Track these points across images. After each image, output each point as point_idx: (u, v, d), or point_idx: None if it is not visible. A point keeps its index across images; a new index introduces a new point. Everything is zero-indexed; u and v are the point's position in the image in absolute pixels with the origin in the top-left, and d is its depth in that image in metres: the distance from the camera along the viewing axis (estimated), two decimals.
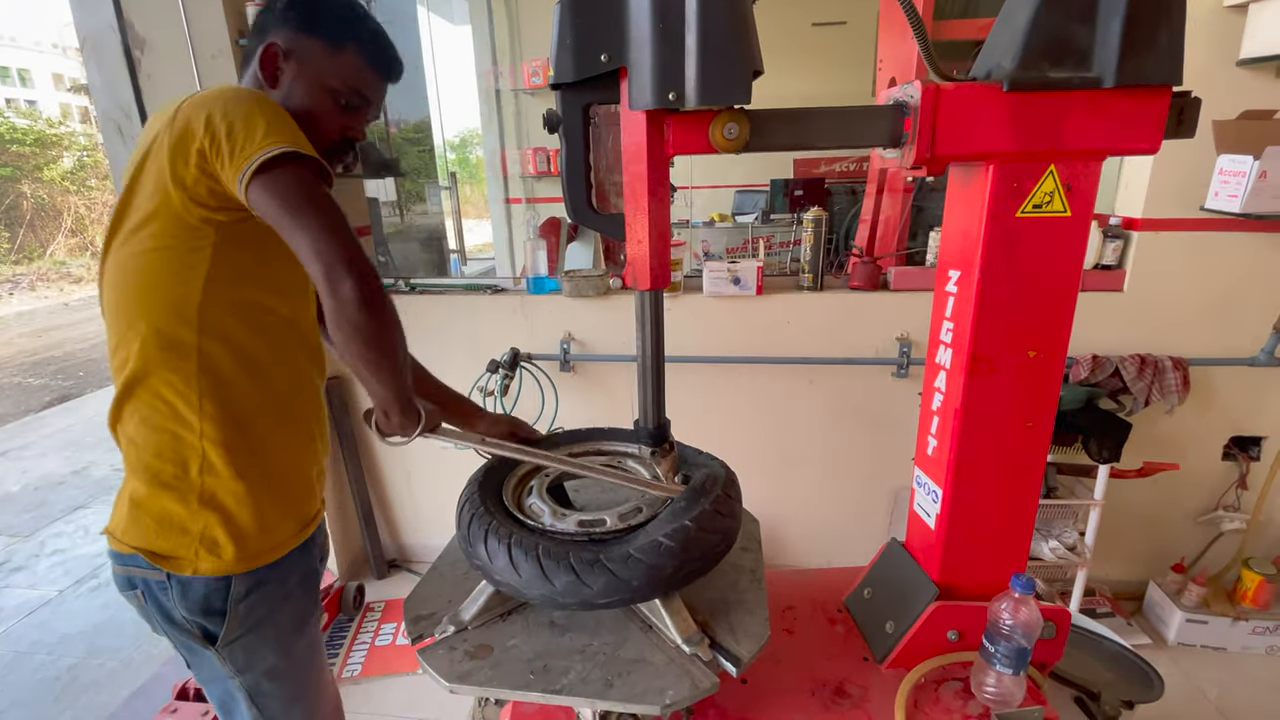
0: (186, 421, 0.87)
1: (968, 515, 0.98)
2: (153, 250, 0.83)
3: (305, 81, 0.92)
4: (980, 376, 0.91)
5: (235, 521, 0.90)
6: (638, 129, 0.77)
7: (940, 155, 0.80)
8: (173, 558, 0.88)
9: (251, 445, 0.91)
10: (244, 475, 0.90)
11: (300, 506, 1.00)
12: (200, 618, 0.89)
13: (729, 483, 0.90)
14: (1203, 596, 1.87)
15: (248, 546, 0.91)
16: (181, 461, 0.88)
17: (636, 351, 0.91)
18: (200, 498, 0.88)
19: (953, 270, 0.92)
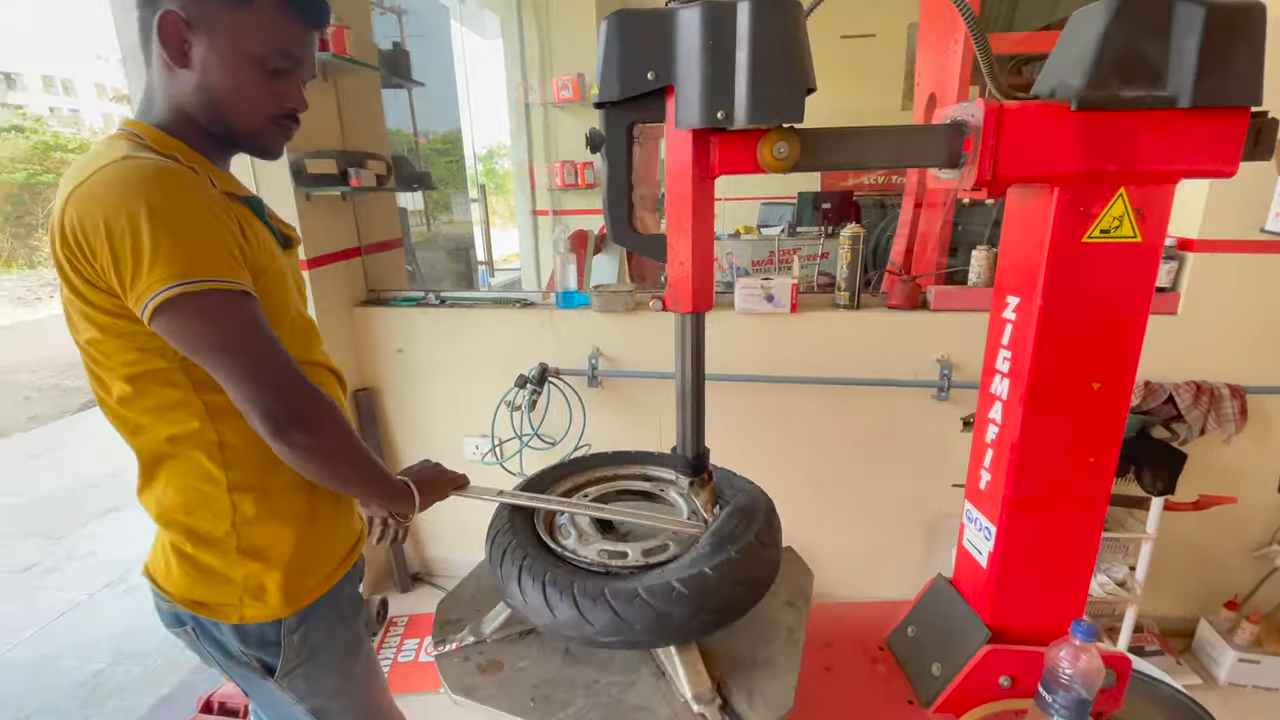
0: (211, 475, 0.82)
1: (1023, 554, 0.93)
2: (117, 366, 0.77)
3: (221, 53, 0.77)
4: (1040, 409, 0.86)
5: (280, 565, 0.86)
6: (683, 148, 0.75)
7: (1002, 177, 0.76)
8: (218, 607, 0.85)
9: (286, 482, 0.86)
10: (283, 515, 0.86)
11: (346, 532, 0.97)
12: (257, 651, 0.87)
13: (766, 525, 0.85)
14: (1256, 635, 1.76)
15: (294, 588, 0.87)
16: (214, 516, 0.83)
17: (676, 376, 0.88)
18: (239, 549, 0.84)
19: (1010, 296, 0.88)
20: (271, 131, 0.85)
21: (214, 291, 0.70)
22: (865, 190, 4.63)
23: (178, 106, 0.80)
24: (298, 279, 0.94)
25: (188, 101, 0.80)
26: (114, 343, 0.76)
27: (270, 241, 0.85)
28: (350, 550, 0.99)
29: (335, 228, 2.02)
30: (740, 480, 0.98)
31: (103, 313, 0.74)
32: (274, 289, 0.82)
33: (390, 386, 2.19)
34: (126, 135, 0.79)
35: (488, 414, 2.06)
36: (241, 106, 0.81)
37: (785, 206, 4.42)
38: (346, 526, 0.98)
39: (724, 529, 0.82)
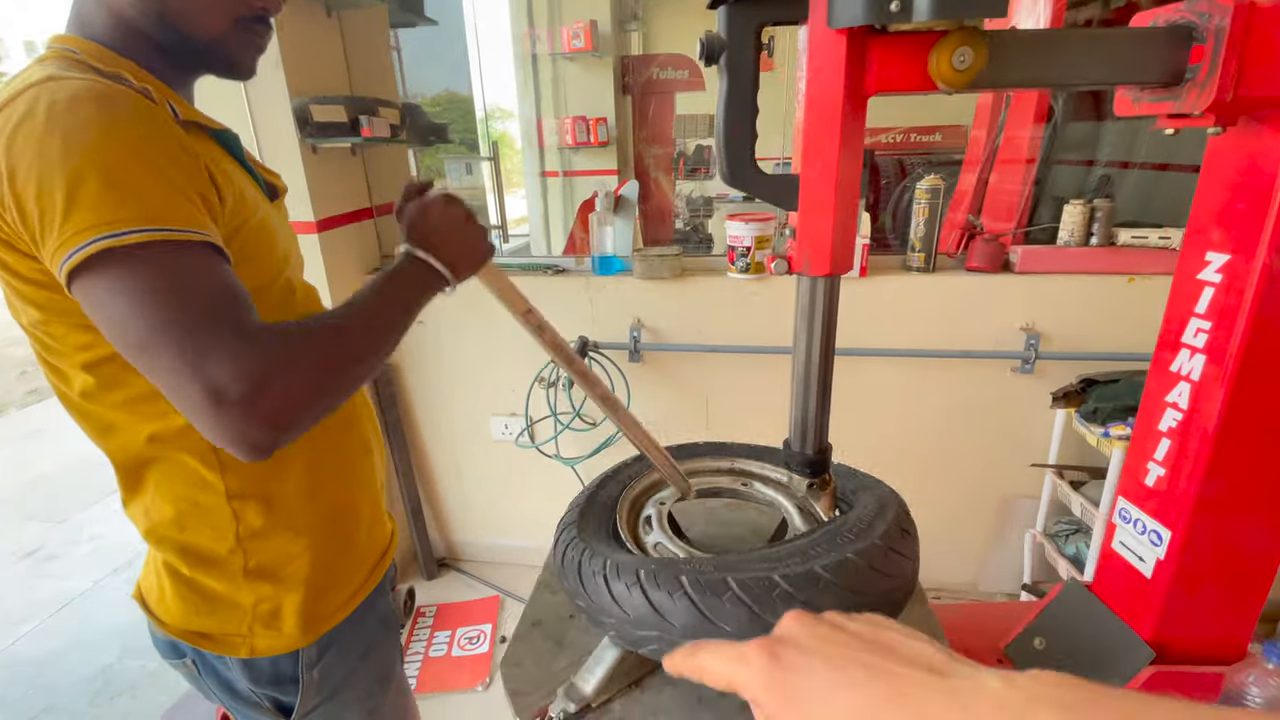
0: (205, 481, 0.67)
1: (1203, 562, 0.79)
2: (71, 352, 0.61)
3: None
4: (1250, 391, 0.71)
5: (298, 585, 0.73)
6: (832, 58, 0.58)
7: (1246, 96, 0.59)
8: (223, 638, 0.71)
9: (300, 486, 0.72)
10: (297, 526, 0.72)
11: (372, 540, 0.83)
12: (270, 689, 0.75)
13: (900, 519, 0.71)
14: None
15: (315, 611, 0.74)
16: (213, 530, 0.69)
17: (796, 357, 0.73)
18: (247, 569, 0.70)
19: (1214, 253, 0.72)
20: (237, 38, 0.66)
21: (159, 243, 0.51)
22: (885, 149, 4.41)
23: (116, 14, 0.62)
24: (292, 240, 0.77)
25: (125, 4, 0.61)
26: (60, 324, 0.59)
27: (250, 188, 0.67)
28: (381, 557, 0.85)
29: (345, 185, 1.84)
30: (863, 476, 0.83)
31: (33, 285, 0.57)
32: (256, 249, 0.65)
33: (410, 362, 2.04)
34: (57, 54, 0.60)
35: (516, 392, 1.92)
36: (195, 5, 0.63)
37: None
38: (376, 528, 0.84)
39: (859, 521, 0.68)
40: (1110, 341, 1.58)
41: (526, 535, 2.17)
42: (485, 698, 1.71)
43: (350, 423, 0.79)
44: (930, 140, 4.49)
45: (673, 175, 4.26)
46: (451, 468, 2.15)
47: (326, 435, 0.75)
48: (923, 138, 4.52)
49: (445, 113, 5.16)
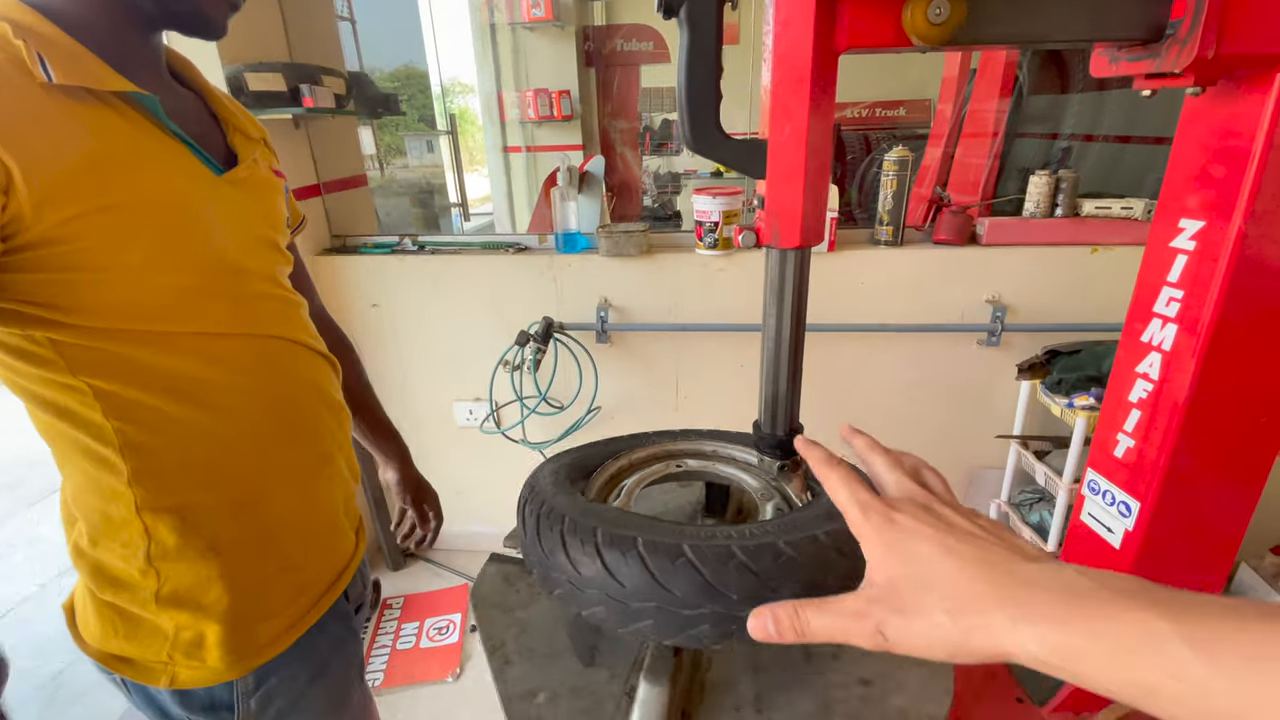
0: (112, 491, 0.60)
1: (1171, 532, 0.79)
2: None
3: None
4: (1220, 361, 0.70)
5: (218, 614, 0.65)
6: (801, 9, 0.54)
7: (1227, 54, 0.57)
8: (144, 666, 0.65)
9: (225, 501, 0.65)
10: (220, 544, 0.64)
11: (325, 559, 0.76)
12: (204, 716, 0.68)
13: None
14: None
15: (243, 642, 0.67)
16: (123, 547, 0.62)
17: (765, 334, 0.69)
18: (161, 595, 0.63)
19: (1188, 220, 0.70)
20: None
21: None
22: (850, 125, 4.40)
23: None
24: (252, 214, 0.69)
25: None
26: None
27: (170, 161, 0.60)
28: (335, 579, 0.77)
29: (288, 160, 1.73)
30: None
31: None
32: (156, 233, 0.58)
33: (366, 347, 1.95)
34: None
35: (481, 375, 1.85)
36: None
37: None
38: (331, 545, 0.76)
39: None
40: (1074, 312, 1.59)
41: (495, 521, 2.12)
42: (456, 688, 1.67)
43: (302, 436, 0.72)
44: (894, 115, 4.49)
45: (639, 150, 4.18)
46: (415, 455, 2.08)
47: (265, 447, 0.68)
48: (887, 112, 4.52)
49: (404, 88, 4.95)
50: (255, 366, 0.67)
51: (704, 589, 0.53)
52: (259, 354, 0.67)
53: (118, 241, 0.55)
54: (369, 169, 3.77)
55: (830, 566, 0.55)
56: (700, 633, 0.54)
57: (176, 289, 0.60)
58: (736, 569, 0.53)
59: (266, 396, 0.68)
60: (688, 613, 0.54)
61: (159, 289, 0.58)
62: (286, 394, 0.70)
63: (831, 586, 0.48)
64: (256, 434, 0.67)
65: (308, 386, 0.73)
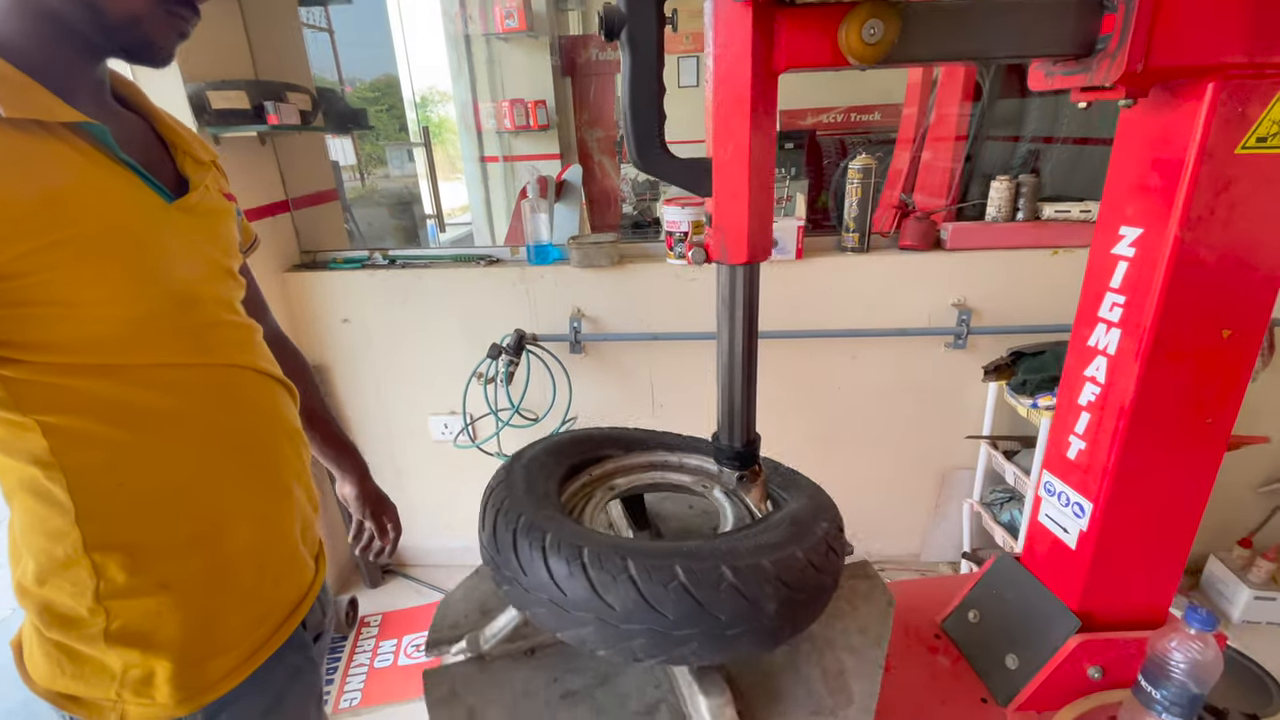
0: (58, 530, 0.59)
1: (1123, 533, 0.81)
2: None
3: None
4: (1163, 365, 0.72)
5: (168, 651, 0.64)
6: (739, 31, 0.55)
7: (1156, 68, 0.59)
8: (91, 703, 0.64)
9: (176, 538, 0.64)
10: (169, 582, 0.64)
11: (279, 593, 0.74)
12: None
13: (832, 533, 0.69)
14: (1272, 573, 1.77)
15: (193, 679, 0.66)
16: (72, 585, 0.61)
17: (719, 348, 0.70)
18: (107, 633, 0.62)
19: (1128, 228, 0.72)
20: (158, 20, 0.59)
21: None
22: (826, 129, 4.46)
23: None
24: (205, 240, 0.68)
25: None
26: None
27: (121, 191, 0.59)
28: (291, 611, 0.76)
29: (254, 177, 1.71)
30: (795, 477, 0.82)
31: None
32: (109, 265, 0.57)
33: (339, 363, 1.93)
34: None
35: (456, 389, 1.84)
36: None
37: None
38: (288, 576, 0.75)
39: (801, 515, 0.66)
40: (1037, 314, 1.62)
41: (472, 536, 2.11)
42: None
43: (260, 466, 0.71)
44: (870, 120, 4.55)
45: (617, 158, 4.19)
46: (391, 471, 2.06)
47: (220, 479, 0.67)
48: (863, 117, 4.57)
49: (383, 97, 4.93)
50: (213, 396, 0.66)
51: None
52: (216, 383, 0.67)
53: (71, 275, 0.54)
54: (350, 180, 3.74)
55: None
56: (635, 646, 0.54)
57: (132, 321, 0.59)
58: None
59: (224, 427, 0.67)
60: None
61: (114, 321, 0.58)
62: (244, 424, 0.69)
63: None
64: (213, 466, 0.66)
65: (266, 415, 0.72)
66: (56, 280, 0.53)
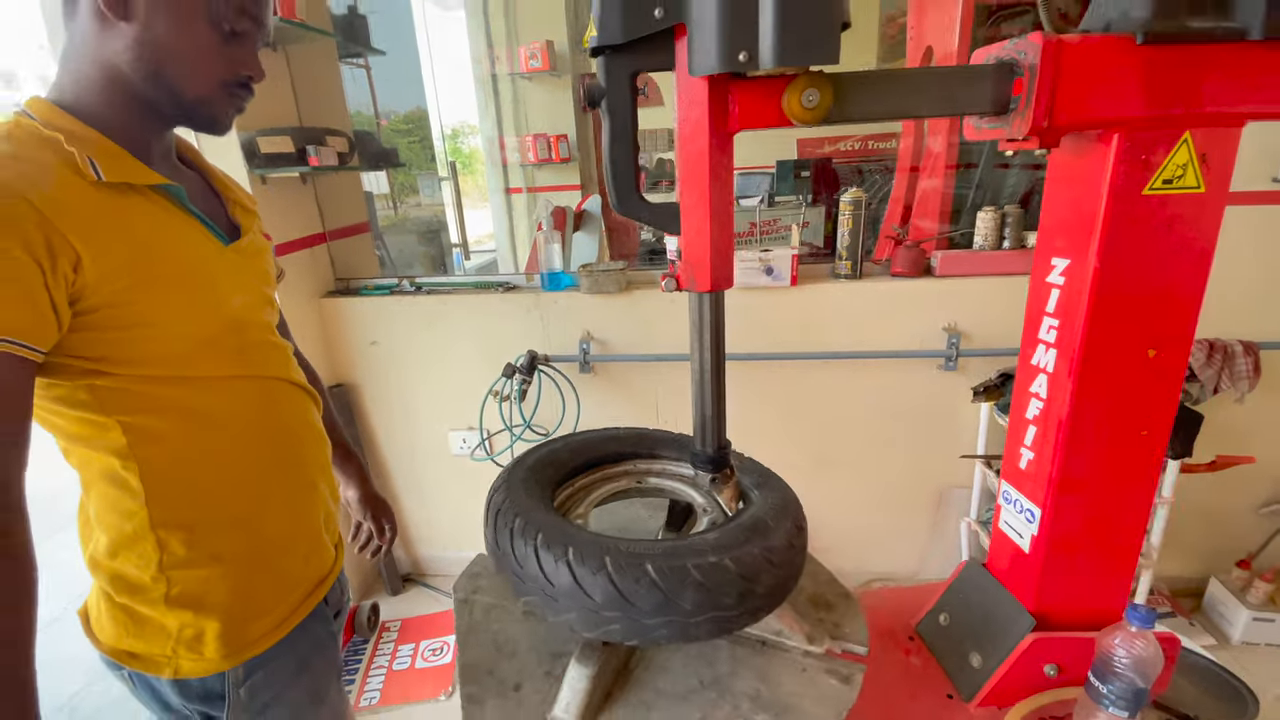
0: (131, 511, 0.71)
1: (1071, 537, 0.87)
2: None
3: (172, 5, 0.66)
4: (1092, 381, 0.79)
5: (218, 614, 0.75)
6: (698, 101, 0.65)
7: (1060, 124, 0.67)
8: (150, 659, 0.75)
9: (225, 518, 0.76)
10: (222, 556, 0.75)
11: (306, 569, 0.85)
12: (200, 705, 0.78)
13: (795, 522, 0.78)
14: (1270, 594, 1.76)
15: (236, 638, 0.77)
16: (139, 558, 0.72)
17: (692, 365, 0.79)
18: (169, 597, 0.73)
19: (1058, 259, 0.80)
20: (222, 100, 0.72)
21: None
22: (843, 157, 4.55)
23: (106, 67, 0.67)
24: (252, 276, 0.81)
25: (122, 60, 0.67)
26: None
27: (189, 238, 0.72)
28: (316, 586, 0.87)
29: (296, 213, 1.87)
30: (759, 466, 0.90)
31: None
32: (181, 296, 0.70)
33: (367, 381, 2.07)
34: (12, 118, 0.66)
35: (474, 406, 1.96)
36: (191, 68, 0.69)
37: (763, 176, 4.32)
38: (310, 563, 0.86)
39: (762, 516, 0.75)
40: None
41: None
42: (448, 706, 1.74)
43: (291, 459, 0.83)
44: (886, 148, 4.63)
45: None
46: (413, 483, 2.17)
47: (262, 469, 0.79)
48: (879, 144, 4.66)
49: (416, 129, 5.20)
50: (256, 402, 0.78)
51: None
52: (259, 392, 0.79)
53: (154, 304, 0.67)
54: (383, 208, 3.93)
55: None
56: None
57: (197, 340, 0.71)
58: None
59: (264, 428, 0.79)
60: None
61: (184, 340, 0.70)
62: (280, 426, 0.81)
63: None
64: (255, 460, 0.78)
65: (297, 420, 0.84)
66: (143, 308, 0.66)
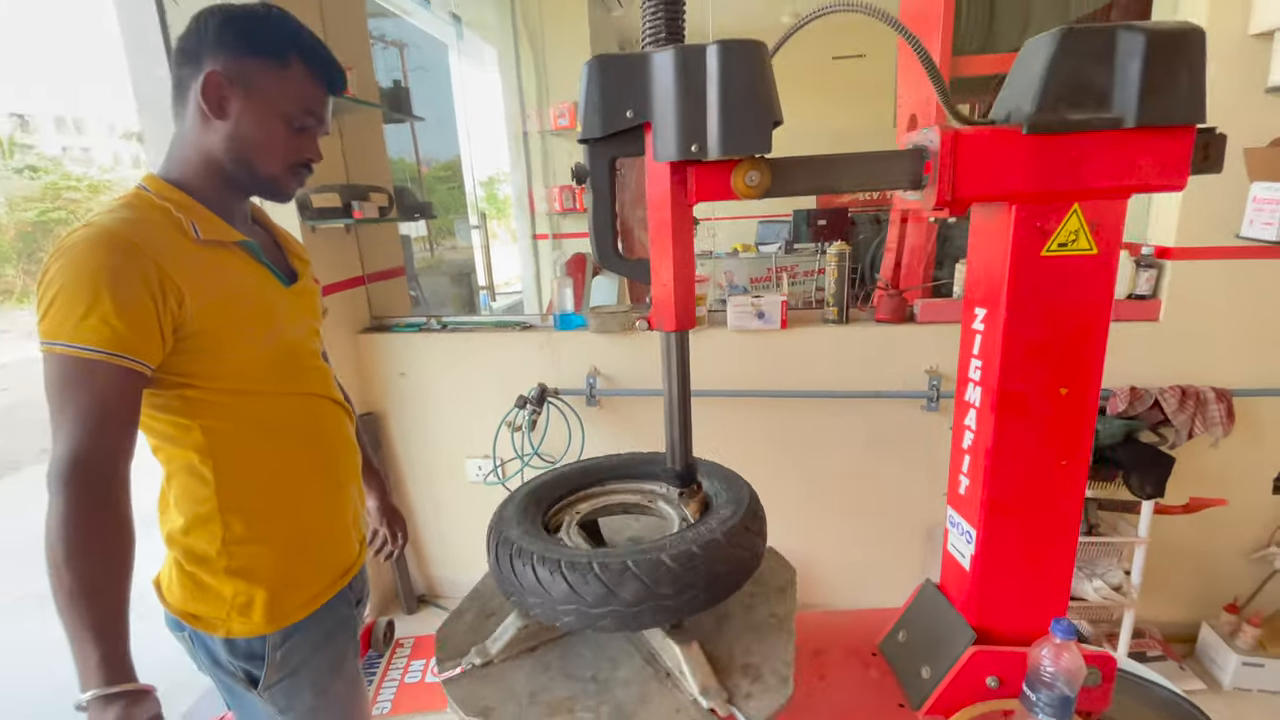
0: (206, 498, 0.87)
1: (1003, 556, 0.96)
2: None
3: (257, 110, 0.86)
4: (1010, 415, 0.89)
5: (266, 585, 0.91)
6: (662, 179, 0.80)
7: (961, 197, 0.80)
8: (208, 619, 0.90)
9: (277, 507, 0.92)
10: (272, 539, 0.91)
11: (336, 557, 1.01)
12: (244, 663, 0.92)
13: (751, 513, 0.90)
14: (1258, 639, 1.77)
15: (279, 607, 0.92)
16: (209, 535, 0.88)
17: (663, 392, 0.92)
18: (229, 569, 0.89)
19: (979, 308, 0.92)
20: (288, 178, 0.92)
21: (60, 356, 0.74)
22: (859, 206, 4.71)
23: (205, 154, 0.87)
24: (304, 312, 0.99)
25: (217, 149, 0.87)
26: None
27: (259, 282, 0.91)
28: (342, 574, 1.02)
29: (339, 258, 2.08)
30: (726, 471, 1.02)
31: None
32: (252, 327, 0.88)
33: (394, 410, 2.23)
34: (134, 189, 0.86)
35: (490, 435, 2.10)
36: (267, 154, 0.89)
37: (782, 224, 4.50)
38: (339, 552, 1.02)
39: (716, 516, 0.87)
40: None
41: None
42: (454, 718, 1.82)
43: (329, 463, 0.99)
44: None
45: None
46: (431, 508, 2.31)
47: (305, 470, 0.95)
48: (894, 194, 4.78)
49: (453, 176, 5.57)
50: (304, 414, 0.95)
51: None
52: (307, 406, 0.96)
53: (234, 333, 0.84)
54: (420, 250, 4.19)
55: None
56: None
57: (264, 361, 0.89)
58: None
59: (309, 435, 0.96)
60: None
61: (255, 361, 0.88)
62: (321, 435, 0.98)
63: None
64: (300, 461, 0.94)
65: (335, 431, 1.00)
66: (225, 336, 0.84)
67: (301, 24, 0.90)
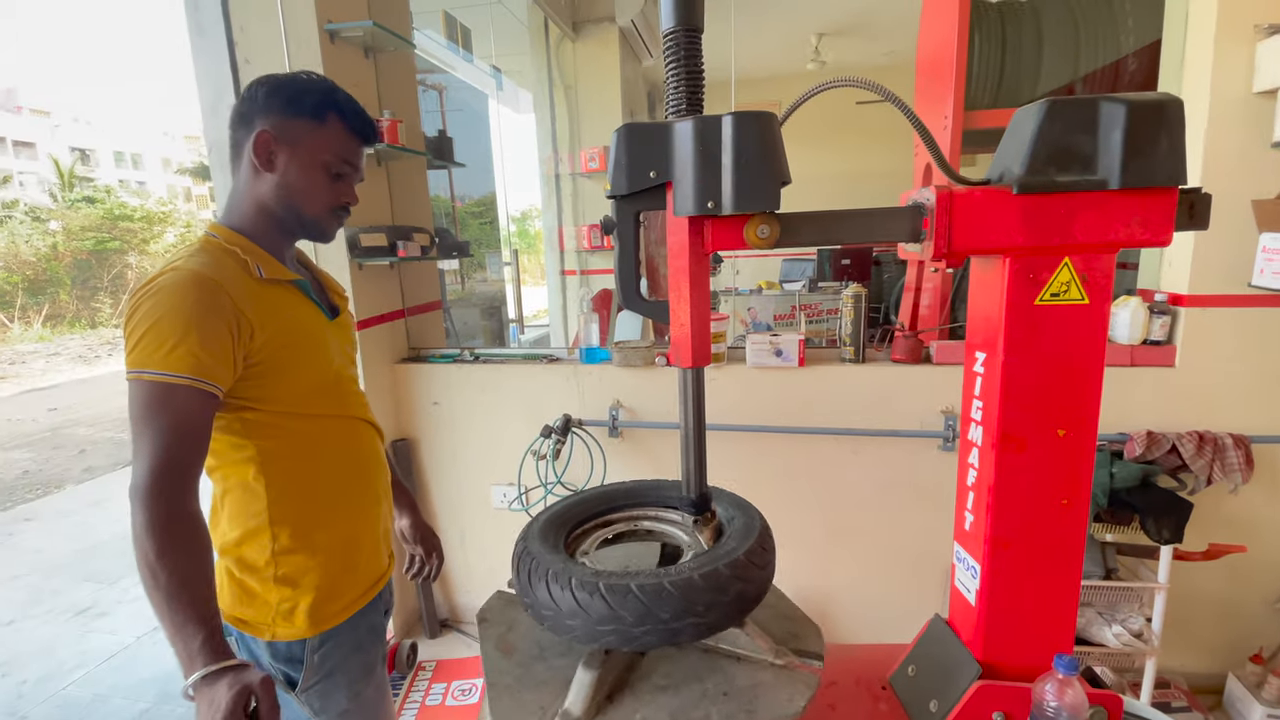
0: (258, 511, 0.96)
1: (1007, 591, 0.98)
2: None
3: (300, 161, 0.97)
4: (1011, 454, 0.93)
5: (309, 593, 0.99)
6: (681, 231, 0.88)
7: (957, 250, 0.86)
8: (255, 624, 0.98)
9: (321, 520, 1.00)
10: (315, 550, 0.99)
11: (370, 568, 1.08)
12: (284, 666, 0.99)
13: (759, 542, 0.95)
14: None
15: (319, 613, 1.00)
16: (259, 546, 0.97)
17: (680, 424, 0.98)
18: (276, 577, 0.97)
19: (979, 352, 0.97)
20: (329, 220, 1.04)
21: (148, 382, 0.83)
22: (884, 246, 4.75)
23: (258, 202, 0.99)
24: (344, 343, 1.09)
25: (268, 197, 0.98)
26: None
27: (310, 316, 1.01)
28: (374, 584, 1.09)
29: (382, 293, 2.21)
30: (739, 499, 1.06)
31: None
32: (305, 356, 0.99)
33: (426, 437, 2.33)
34: (204, 236, 0.98)
35: (515, 463, 2.17)
36: (310, 199, 1.00)
37: (807, 262, 4.56)
38: (372, 563, 1.09)
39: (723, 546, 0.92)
40: None
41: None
42: None
43: (367, 479, 1.08)
44: None
45: None
46: (456, 533, 2.37)
47: (345, 486, 1.03)
48: None
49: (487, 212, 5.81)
50: (344, 435, 1.04)
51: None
52: (347, 428, 1.05)
53: (289, 360, 0.94)
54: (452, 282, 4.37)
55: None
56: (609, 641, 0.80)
57: (312, 386, 0.98)
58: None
59: (347, 454, 1.04)
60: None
61: (305, 386, 0.97)
62: (358, 454, 1.06)
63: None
64: (340, 478, 1.02)
65: (370, 451, 1.09)
66: (283, 363, 0.93)
67: (337, 86, 1.01)
